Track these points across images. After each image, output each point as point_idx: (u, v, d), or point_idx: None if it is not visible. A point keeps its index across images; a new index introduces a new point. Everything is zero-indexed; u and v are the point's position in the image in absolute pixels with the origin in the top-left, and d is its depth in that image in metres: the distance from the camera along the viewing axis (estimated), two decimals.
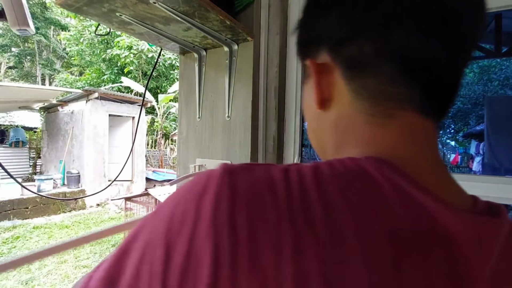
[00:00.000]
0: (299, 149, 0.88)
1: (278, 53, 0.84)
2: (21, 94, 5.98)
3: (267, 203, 0.20)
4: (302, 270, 0.18)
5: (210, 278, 0.17)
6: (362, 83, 0.27)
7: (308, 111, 0.35)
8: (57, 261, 3.96)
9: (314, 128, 0.35)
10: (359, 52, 0.27)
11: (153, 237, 0.21)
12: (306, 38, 0.34)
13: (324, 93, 0.30)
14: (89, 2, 0.60)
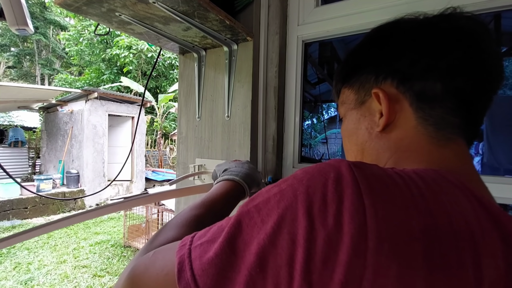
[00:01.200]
0: (299, 148, 0.87)
1: (278, 53, 0.84)
2: (20, 94, 5.97)
3: (395, 193, 0.24)
4: None
5: (348, 256, 0.21)
6: (430, 112, 0.34)
7: (359, 133, 0.41)
8: (56, 261, 3.95)
9: (366, 147, 0.40)
10: (429, 88, 0.34)
11: (290, 212, 0.25)
12: (366, 69, 0.40)
13: (391, 118, 0.37)
14: (88, 2, 0.60)
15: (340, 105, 0.47)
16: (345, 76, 0.45)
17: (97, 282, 3.46)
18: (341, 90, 0.46)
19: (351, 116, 0.43)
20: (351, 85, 0.43)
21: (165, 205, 4.07)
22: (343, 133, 0.47)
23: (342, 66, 0.47)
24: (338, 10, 0.80)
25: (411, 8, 0.69)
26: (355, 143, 0.42)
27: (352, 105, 0.43)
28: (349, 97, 0.43)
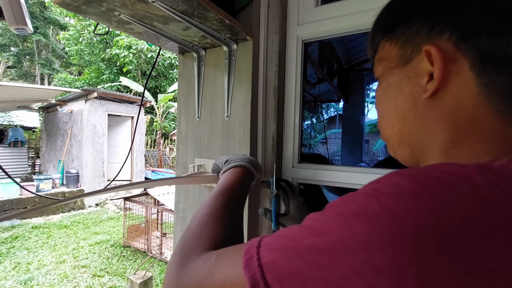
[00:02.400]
0: (298, 148, 0.87)
1: (278, 53, 0.84)
2: (20, 93, 5.97)
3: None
4: None
5: None
6: (496, 78, 0.27)
7: (401, 98, 0.34)
8: (55, 261, 3.95)
9: (409, 116, 0.34)
10: (501, 48, 0.26)
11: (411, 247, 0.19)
12: (417, 19, 0.32)
13: (444, 82, 0.30)
14: (87, 1, 0.59)
15: (377, 62, 0.40)
16: (388, 27, 0.37)
17: (96, 282, 3.46)
18: (380, 43, 0.39)
19: (391, 76, 0.36)
20: (394, 38, 0.35)
21: (165, 205, 4.07)
22: (379, 96, 0.40)
23: (385, 13, 0.39)
24: (338, 10, 0.80)
25: None
26: (393, 109, 0.36)
27: (393, 63, 0.36)
28: (391, 53, 0.36)
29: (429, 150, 0.33)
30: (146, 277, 3.02)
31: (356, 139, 3.22)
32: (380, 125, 0.41)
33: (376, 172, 0.74)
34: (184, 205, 0.94)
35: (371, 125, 6.85)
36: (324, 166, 0.83)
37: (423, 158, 0.34)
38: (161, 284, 3.46)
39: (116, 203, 6.94)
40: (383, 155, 7.82)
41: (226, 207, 0.46)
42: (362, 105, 3.31)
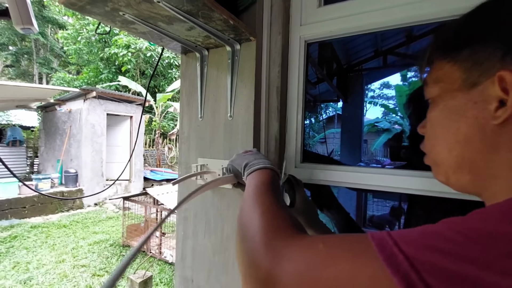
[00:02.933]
0: (301, 149, 0.88)
1: (280, 53, 0.84)
2: (19, 93, 5.94)
3: None
4: None
5: None
6: None
7: (464, 122, 0.34)
8: (55, 261, 3.95)
9: (474, 141, 0.33)
10: None
11: None
12: (489, 43, 0.32)
13: None
14: (92, 1, 0.60)
15: (432, 83, 0.39)
16: (451, 48, 0.36)
17: (96, 282, 3.46)
18: (435, 62, 0.38)
19: (452, 99, 0.35)
20: (457, 61, 0.34)
21: (164, 205, 4.06)
22: (434, 118, 0.39)
23: (445, 33, 0.38)
24: (340, 11, 0.81)
25: (415, 9, 0.69)
26: (454, 133, 0.35)
27: (455, 85, 0.35)
28: (451, 75, 0.35)
29: (504, 178, 0.32)
30: (146, 276, 3.02)
31: (355, 138, 3.24)
32: (432, 147, 0.40)
33: (381, 172, 0.74)
34: (187, 205, 0.94)
35: (370, 125, 6.86)
36: (327, 165, 0.84)
37: (494, 185, 0.33)
38: (160, 283, 3.46)
39: (115, 202, 6.93)
40: (381, 155, 7.84)
41: (272, 202, 0.46)
42: (361, 105, 3.32)
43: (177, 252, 0.96)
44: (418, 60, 0.43)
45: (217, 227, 0.87)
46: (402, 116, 5.22)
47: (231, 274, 0.84)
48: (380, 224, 2.46)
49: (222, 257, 0.86)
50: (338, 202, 0.94)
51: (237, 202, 0.83)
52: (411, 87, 4.15)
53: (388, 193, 0.76)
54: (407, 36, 2.31)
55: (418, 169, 0.70)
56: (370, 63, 3.01)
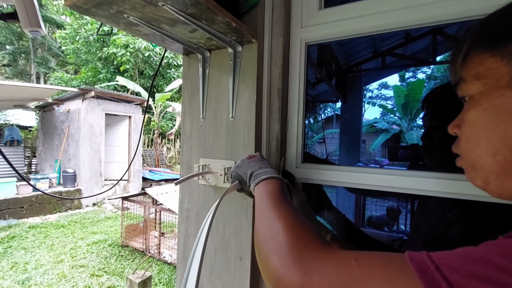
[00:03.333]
0: (302, 149, 0.89)
1: (282, 55, 0.86)
2: (17, 92, 5.92)
3: None
4: None
5: None
6: None
7: (504, 125, 0.32)
8: (53, 261, 3.94)
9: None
10: None
11: None
12: None
13: None
14: (97, 4, 0.61)
15: (472, 80, 0.35)
16: (496, 41, 0.33)
17: (95, 282, 3.46)
18: (475, 57, 0.35)
19: (499, 97, 0.32)
20: (505, 55, 0.31)
21: (163, 205, 4.07)
22: (475, 117, 0.36)
23: (488, 25, 0.35)
24: (340, 14, 0.82)
25: (414, 13, 0.71)
26: (501, 136, 0.32)
27: (502, 82, 0.32)
28: (497, 71, 0.32)
29: None
30: (145, 277, 3.02)
31: (353, 139, 3.25)
32: (472, 150, 0.37)
33: (380, 172, 0.76)
34: (189, 205, 0.96)
35: (368, 125, 6.88)
36: (328, 166, 0.85)
37: None
38: (160, 283, 3.46)
39: (113, 202, 6.92)
40: (379, 155, 7.86)
41: (288, 211, 0.46)
42: (360, 105, 3.34)
43: (179, 251, 0.97)
44: (451, 54, 0.39)
45: (219, 226, 0.88)
46: (400, 117, 5.24)
47: (233, 273, 0.85)
48: (378, 225, 2.48)
49: (223, 255, 0.87)
50: (333, 205, 0.95)
51: (239, 201, 0.85)
52: (409, 87, 4.17)
53: (387, 193, 0.77)
54: (406, 37, 2.33)
55: (417, 169, 0.72)
56: (368, 63, 3.03)
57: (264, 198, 0.52)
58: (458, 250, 0.28)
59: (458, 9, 0.66)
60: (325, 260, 0.33)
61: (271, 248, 0.38)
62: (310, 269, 0.32)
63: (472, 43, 0.36)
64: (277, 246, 0.38)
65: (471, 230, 0.69)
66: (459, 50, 0.37)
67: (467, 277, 0.24)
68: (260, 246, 0.42)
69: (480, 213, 0.67)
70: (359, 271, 0.30)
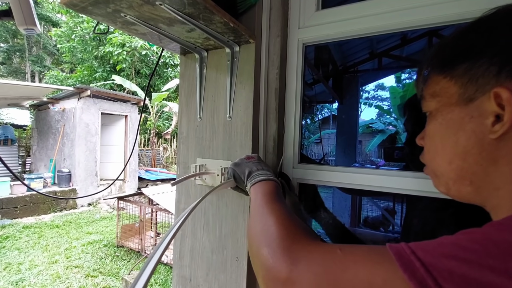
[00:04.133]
0: (299, 149, 0.89)
1: (279, 55, 0.86)
2: (11, 91, 5.86)
3: None
4: None
5: None
6: None
7: (462, 136, 0.35)
8: (47, 261, 3.90)
9: (472, 154, 0.34)
10: None
11: None
12: (484, 59, 0.33)
13: None
14: (94, 2, 0.60)
15: (429, 97, 0.40)
16: (447, 64, 0.37)
17: (90, 282, 3.43)
18: (432, 77, 0.39)
19: (449, 113, 0.37)
20: (454, 76, 0.36)
21: (159, 205, 4.05)
22: (432, 131, 0.40)
23: (442, 48, 0.39)
24: (338, 15, 0.82)
25: (410, 15, 0.71)
26: (453, 146, 0.36)
27: (452, 100, 0.36)
28: (448, 90, 0.36)
29: (506, 189, 0.33)
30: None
31: (350, 139, 3.27)
32: (432, 159, 0.41)
33: (376, 173, 0.76)
34: (185, 205, 0.95)
35: (364, 126, 6.91)
36: (324, 166, 0.85)
37: (495, 196, 0.34)
38: (155, 283, 3.44)
39: (109, 202, 6.87)
40: (375, 156, 7.92)
41: (282, 210, 0.47)
42: (356, 106, 3.36)
43: (175, 251, 0.97)
44: (415, 74, 0.44)
45: (216, 226, 0.88)
46: (396, 118, 5.28)
47: (229, 273, 0.85)
48: (374, 225, 2.49)
49: (220, 255, 0.87)
50: (325, 206, 0.96)
51: (235, 201, 0.84)
52: (405, 89, 4.20)
53: (383, 193, 0.78)
54: (402, 38, 2.35)
55: (412, 170, 0.72)
56: (365, 64, 3.04)
57: (259, 197, 0.54)
58: (435, 239, 0.30)
59: (454, 12, 0.66)
60: (312, 250, 0.35)
61: (262, 241, 0.41)
62: (297, 258, 0.35)
63: (429, 64, 0.40)
64: (268, 239, 0.40)
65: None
66: (421, 70, 0.42)
67: (438, 257, 0.26)
68: (252, 239, 0.44)
69: (471, 214, 0.68)
70: (342, 258, 0.32)
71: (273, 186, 0.58)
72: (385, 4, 0.75)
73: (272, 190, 0.56)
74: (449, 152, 0.37)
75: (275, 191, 0.56)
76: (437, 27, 0.70)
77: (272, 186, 0.58)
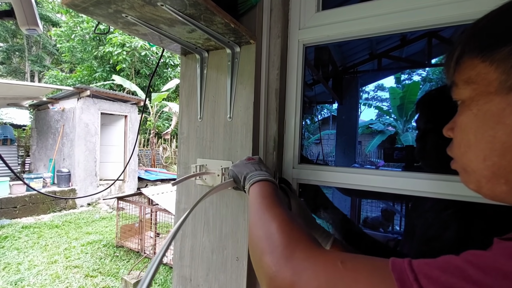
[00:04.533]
0: (299, 149, 0.89)
1: (279, 56, 0.86)
2: (11, 90, 5.85)
3: None
4: None
5: None
6: None
7: (502, 129, 0.31)
8: (47, 261, 3.89)
9: None
10: None
11: None
12: None
13: None
14: (96, 3, 0.60)
15: (463, 84, 0.35)
16: (487, 45, 0.32)
17: (89, 283, 3.43)
18: (466, 61, 0.35)
19: (487, 103, 0.32)
20: (495, 60, 0.31)
21: (159, 205, 4.05)
22: (465, 123, 0.36)
23: (479, 29, 0.34)
24: (338, 16, 0.83)
25: (410, 16, 0.72)
26: (490, 141, 0.32)
27: (491, 88, 0.31)
28: (487, 77, 0.32)
29: None
30: (140, 277, 3.00)
31: (349, 140, 3.27)
32: (463, 154, 0.37)
33: (375, 173, 0.77)
34: (185, 205, 0.95)
35: (364, 126, 6.93)
36: (324, 166, 0.86)
37: None
38: (155, 283, 3.44)
39: (108, 202, 6.86)
40: (375, 156, 7.94)
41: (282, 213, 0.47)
42: (356, 107, 3.36)
43: (175, 251, 0.97)
44: (445, 57, 0.39)
45: (216, 226, 0.88)
46: (396, 118, 5.28)
47: (230, 273, 0.85)
48: (374, 226, 2.49)
49: (220, 255, 0.87)
50: (332, 204, 0.95)
51: (236, 201, 0.85)
52: (404, 89, 4.21)
53: (382, 194, 0.78)
54: (402, 39, 2.36)
55: (411, 171, 0.72)
56: (365, 65, 3.05)
57: (258, 200, 0.53)
58: (440, 258, 0.29)
59: (453, 13, 0.67)
60: (314, 260, 0.35)
61: (265, 248, 0.40)
62: (300, 268, 0.35)
63: (464, 47, 0.35)
64: (271, 247, 0.40)
65: (465, 230, 0.70)
66: (452, 54, 0.37)
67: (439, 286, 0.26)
68: (254, 246, 0.43)
69: (474, 213, 0.68)
70: (344, 274, 0.32)
71: (270, 187, 0.58)
72: (385, 6, 0.75)
73: (270, 192, 0.55)
74: (485, 147, 0.33)
75: (274, 193, 0.56)
76: (437, 28, 0.71)
77: (270, 187, 0.58)
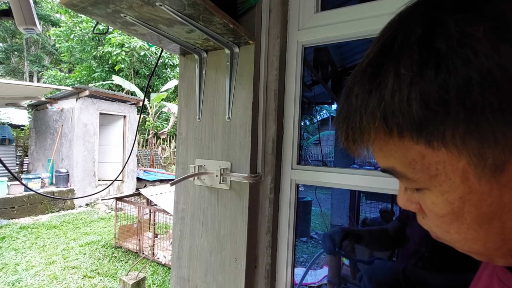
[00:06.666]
0: (297, 150, 0.89)
1: (278, 57, 0.86)
2: (9, 90, 5.83)
3: None
4: None
5: None
6: None
7: (506, 217, 0.25)
8: (44, 262, 3.88)
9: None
10: None
11: None
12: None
13: None
14: (94, 3, 0.60)
15: (422, 172, 0.28)
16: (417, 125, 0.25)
17: (87, 283, 3.41)
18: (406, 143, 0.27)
19: (481, 192, 0.25)
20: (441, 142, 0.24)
21: (158, 205, 4.04)
22: (431, 206, 0.29)
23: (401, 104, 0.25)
24: (337, 17, 0.83)
25: None
26: (497, 232, 0.27)
27: (478, 170, 0.24)
28: (448, 161, 0.25)
29: None
30: (139, 278, 2.99)
31: None
32: (445, 233, 0.31)
33: (373, 174, 0.77)
34: (184, 205, 0.95)
35: None
36: (323, 167, 0.86)
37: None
38: (153, 284, 3.43)
39: (107, 203, 6.84)
40: (373, 157, 7.95)
41: None
42: None
43: (174, 252, 0.97)
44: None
45: (214, 226, 0.88)
46: None
47: (228, 273, 0.85)
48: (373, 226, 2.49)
49: (219, 256, 0.87)
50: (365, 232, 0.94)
51: (234, 202, 0.85)
52: None
53: (381, 195, 0.78)
54: None
55: None
56: None
57: None
58: None
59: None
60: None
61: None
62: None
63: (406, 123, 0.26)
64: None
65: None
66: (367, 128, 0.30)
67: None
68: None
69: None
70: None
71: None
72: (384, 6, 0.75)
73: None
74: (493, 239, 0.28)
75: None
76: None
77: None
